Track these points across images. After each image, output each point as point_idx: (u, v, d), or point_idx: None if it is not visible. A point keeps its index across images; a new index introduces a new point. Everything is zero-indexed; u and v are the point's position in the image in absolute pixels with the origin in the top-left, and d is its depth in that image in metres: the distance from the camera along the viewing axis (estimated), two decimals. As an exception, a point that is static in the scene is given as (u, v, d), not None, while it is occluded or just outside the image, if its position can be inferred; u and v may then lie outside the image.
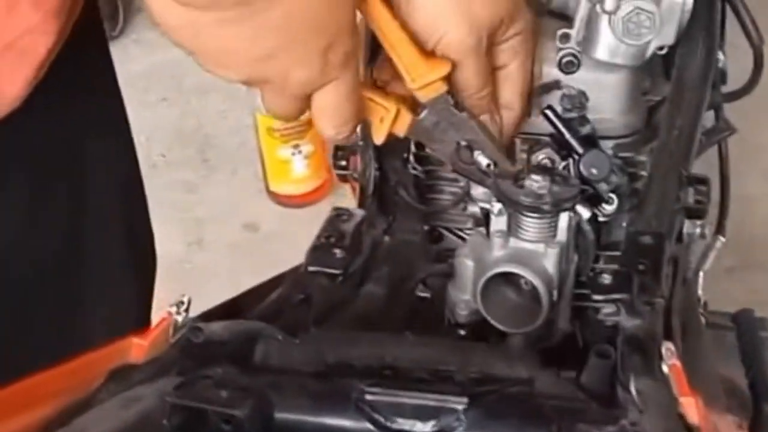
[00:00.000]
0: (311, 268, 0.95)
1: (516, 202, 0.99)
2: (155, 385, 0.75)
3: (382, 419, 0.75)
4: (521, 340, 1.03)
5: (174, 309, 0.77)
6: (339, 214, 1.04)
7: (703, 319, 1.23)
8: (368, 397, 0.75)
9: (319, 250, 0.98)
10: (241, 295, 0.91)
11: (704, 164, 1.42)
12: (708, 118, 1.44)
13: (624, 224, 1.14)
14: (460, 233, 1.21)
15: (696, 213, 1.12)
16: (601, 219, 1.10)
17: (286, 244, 2.22)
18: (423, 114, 0.95)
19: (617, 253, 1.13)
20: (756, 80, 1.36)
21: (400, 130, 0.95)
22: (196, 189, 2.54)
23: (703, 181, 1.12)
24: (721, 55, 1.35)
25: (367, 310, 0.98)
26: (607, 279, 0.92)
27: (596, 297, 0.91)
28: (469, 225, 1.19)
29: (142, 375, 0.75)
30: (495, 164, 1.04)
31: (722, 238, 1.35)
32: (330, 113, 0.87)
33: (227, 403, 0.74)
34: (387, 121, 0.94)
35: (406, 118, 0.95)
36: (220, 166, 2.59)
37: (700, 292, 1.30)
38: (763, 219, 2.46)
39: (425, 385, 0.77)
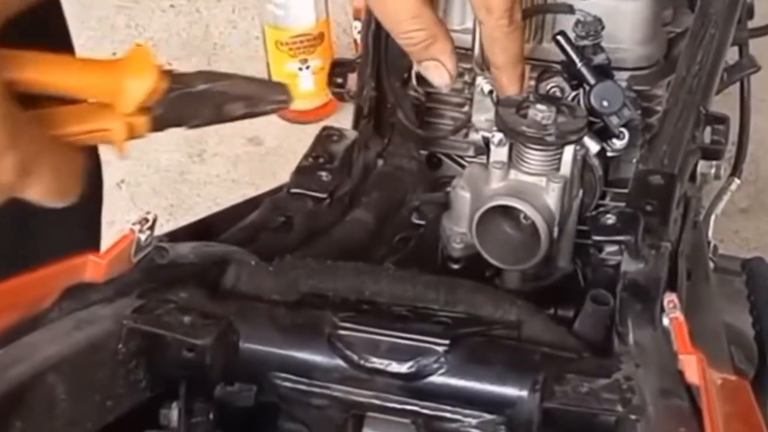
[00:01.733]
0: (294, 190, 0.89)
1: (517, 132, 0.93)
2: (113, 307, 0.69)
3: (355, 357, 0.69)
4: (517, 277, 0.98)
5: (137, 227, 0.70)
6: (329, 134, 0.97)
7: (712, 264, 1.17)
8: (342, 332, 0.70)
9: (304, 172, 0.91)
10: (217, 214, 0.85)
11: (724, 102, 1.35)
12: (732, 53, 1.37)
13: (635, 160, 1.07)
14: (461, 160, 1.15)
15: (712, 154, 1.06)
16: (610, 154, 1.04)
17: (290, 159, 2.16)
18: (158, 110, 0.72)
19: (626, 191, 1.07)
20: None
21: (142, 132, 0.72)
22: (201, 99, 2.47)
23: (721, 119, 1.05)
24: (748, -10, 1.28)
25: (353, 238, 0.92)
26: (610, 219, 0.85)
27: (597, 238, 0.84)
28: (471, 152, 1.13)
29: (99, 295, 0.69)
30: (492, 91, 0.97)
31: (737, 180, 1.28)
32: None
33: (189, 330, 0.69)
34: (120, 136, 0.70)
35: (140, 122, 0.71)
36: (227, 77, 2.51)
37: (710, 235, 1.24)
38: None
39: (404, 323, 0.71)
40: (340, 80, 1.11)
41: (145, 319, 0.69)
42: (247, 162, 2.32)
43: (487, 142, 0.98)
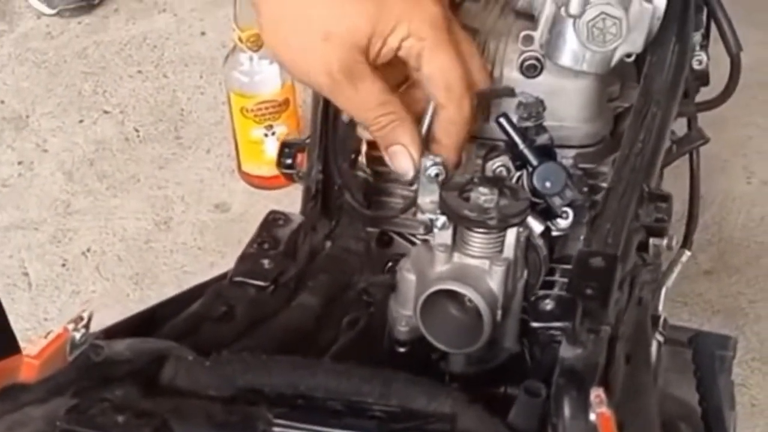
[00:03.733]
0: (237, 278, 0.89)
1: (460, 215, 0.94)
2: (45, 408, 0.69)
3: (289, 453, 0.70)
4: (462, 360, 0.99)
5: (72, 325, 0.71)
6: (275, 218, 0.98)
7: (661, 338, 1.18)
8: (275, 429, 0.70)
9: (247, 259, 0.92)
10: (158, 305, 0.85)
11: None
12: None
13: (582, 237, 1.09)
14: (412, 238, 1.16)
15: (656, 231, 1.07)
16: (555, 233, 1.05)
17: (256, 226, 2.18)
18: None
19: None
20: (732, 89, 1.31)
21: None
22: (168, 165, 2.48)
23: (664, 198, 1.06)
24: (704, 57, 1.29)
25: (298, 324, 0.92)
26: (549, 305, 0.87)
27: (535, 324, 0.85)
28: (421, 230, 1.14)
29: (32, 395, 0.69)
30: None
31: (688, 252, 1.30)
32: None
33: (123, 430, 0.69)
34: None
35: None
36: (194, 143, 2.53)
37: (660, 308, 1.25)
38: (744, 220, 2.41)
39: (338, 419, 0.71)
40: (289, 161, 1.12)
41: (79, 420, 0.69)
42: (214, 229, 2.32)
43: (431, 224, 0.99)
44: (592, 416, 0.68)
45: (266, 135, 2.35)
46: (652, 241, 1.12)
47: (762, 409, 2.03)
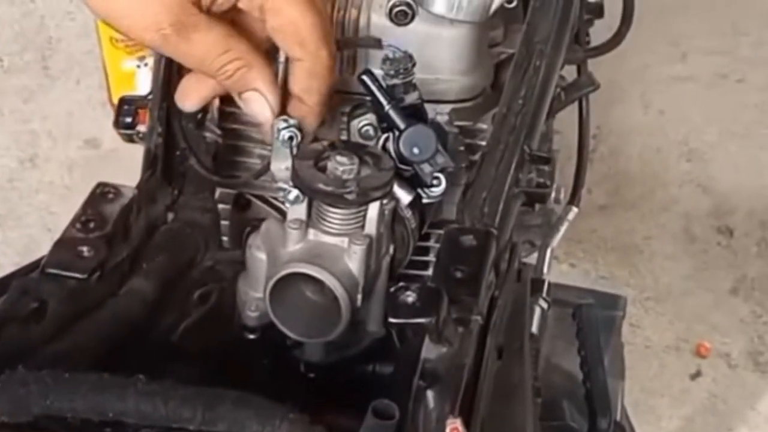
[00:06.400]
0: (49, 270, 0.77)
1: (314, 189, 0.82)
2: None
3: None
4: (320, 347, 0.88)
5: None
6: (104, 192, 0.86)
7: (545, 305, 1.08)
8: (76, 468, 0.59)
9: (64, 246, 0.80)
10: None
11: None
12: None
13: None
14: (273, 200, 1.04)
15: (537, 197, 0.97)
16: (427, 201, 0.94)
17: (129, 164, 2.03)
18: None
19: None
20: (624, 33, 1.21)
21: None
22: (34, 98, 2.32)
23: (546, 160, 0.96)
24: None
25: (125, 316, 0.80)
26: (410, 296, 0.76)
27: (393, 321, 0.74)
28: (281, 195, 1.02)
29: None
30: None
31: (575, 209, 1.20)
32: None
33: None
34: None
35: None
36: (62, 74, 2.36)
37: (545, 269, 1.15)
38: (640, 151, 2.34)
39: (151, 453, 0.60)
40: (128, 120, 0.99)
41: None
42: (84, 167, 2.18)
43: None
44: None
45: (139, 66, 2.20)
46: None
47: (656, 351, 1.98)
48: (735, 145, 2.31)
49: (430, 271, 1.06)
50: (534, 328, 1.04)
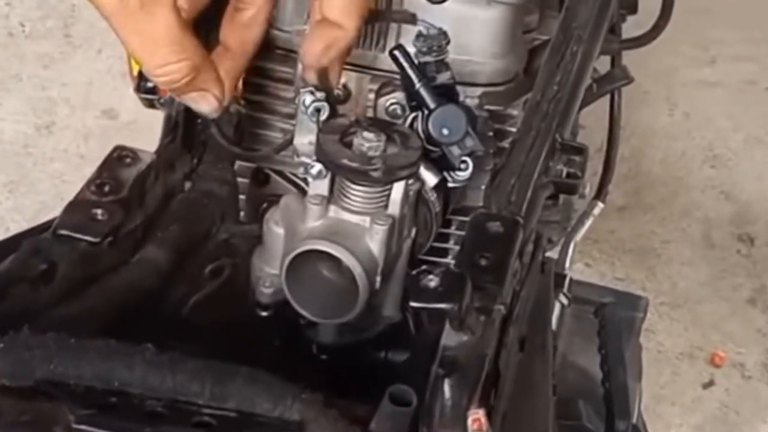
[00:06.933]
0: (60, 231, 0.74)
1: (338, 165, 0.80)
2: None
3: (88, 469, 0.56)
4: (334, 329, 0.85)
5: None
6: (121, 156, 0.83)
7: (565, 300, 1.05)
8: (75, 435, 0.56)
9: (77, 207, 0.77)
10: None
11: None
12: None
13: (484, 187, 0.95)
14: (293, 177, 1.01)
15: (566, 188, 0.94)
16: (452, 185, 0.91)
17: (146, 136, 2.00)
18: None
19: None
20: (662, 26, 1.18)
21: None
22: (54, 65, 2.30)
23: (579, 150, 0.93)
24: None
25: (137, 283, 0.78)
26: (432, 281, 0.73)
27: (414, 305, 0.71)
28: (302, 170, 0.99)
29: None
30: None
31: (601, 204, 1.17)
32: None
33: None
34: None
35: None
36: (84, 42, 2.33)
37: (567, 264, 1.12)
38: (664, 155, 2.30)
39: (155, 425, 0.57)
40: (149, 85, 0.97)
41: None
42: (100, 137, 2.15)
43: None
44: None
45: (161, 39, 2.17)
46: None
47: (668, 357, 1.94)
48: (760, 153, 2.27)
49: (449, 259, 1.04)
50: (553, 324, 1.01)
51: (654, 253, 2.11)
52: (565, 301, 1.05)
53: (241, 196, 1.00)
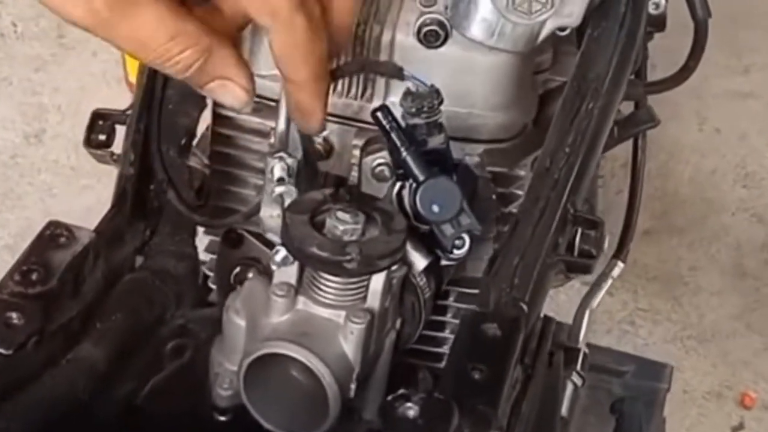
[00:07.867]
0: None
1: (306, 253, 0.67)
2: None
3: None
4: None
5: None
6: (54, 235, 0.70)
7: (579, 381, 0.93)
8: None
9: None
10: None
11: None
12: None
13: (486, 257, 0.83)
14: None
15: (579, 268, 0.81)
16: (445, 263, 0.79)
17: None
18: None
19: (473, 291, 0.83)
20: (693, 67, 1.05)
21: None
22: (46, 68, 2.18)
23: (594, 223, 0.80)
24: (662, -1, 1.04)
25: (62, 394, 0.66)
26: (411, 410, 0.60)
27: (389, 441, 0.59)
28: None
29: None
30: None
31: (621, 264, 1.04)
32: None
33: None
34: None
35: None
36: (78, 44, 2.21)
37: (581, 336, 1.00)
38: (692, 173, 2.17)
39: None
40: (101, 137, 0.85)
41: None
42: (92, 147, 2.03)
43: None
44: None
45: (159, 44, 2.05)
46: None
47: (695, 397, 1.81)
48: (796, 173, 2.14)
49: (446, 333, 0.91)
50: (564, 410, 0.88)
51: (681, 281, 1.97)
52: (578, 381, 0.93)
53: (212, 256, 0.88)
